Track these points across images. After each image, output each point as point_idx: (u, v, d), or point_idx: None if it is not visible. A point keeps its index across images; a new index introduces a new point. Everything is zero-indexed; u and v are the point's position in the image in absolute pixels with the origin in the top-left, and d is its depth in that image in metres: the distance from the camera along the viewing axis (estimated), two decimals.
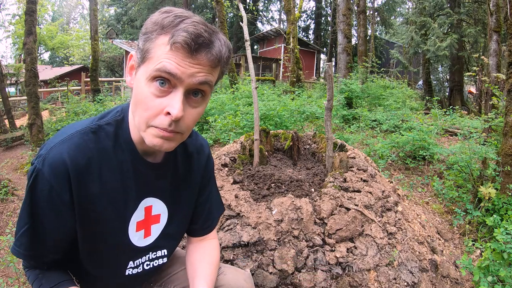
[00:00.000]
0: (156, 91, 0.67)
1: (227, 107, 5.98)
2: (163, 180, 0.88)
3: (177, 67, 0.65)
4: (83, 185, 0.74)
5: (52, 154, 0.72)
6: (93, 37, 11.24)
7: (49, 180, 0.71)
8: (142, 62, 0.70)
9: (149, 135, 0.71)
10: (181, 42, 0.64)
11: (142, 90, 0.69)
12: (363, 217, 1.84)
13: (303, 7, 30.17)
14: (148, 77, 0.68)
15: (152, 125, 0.69)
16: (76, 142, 0.74)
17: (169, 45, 0.65)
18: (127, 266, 0.88)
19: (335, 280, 1.60)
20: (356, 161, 2.37)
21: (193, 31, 0.64)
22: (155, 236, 0.91)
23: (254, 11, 25.25)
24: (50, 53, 32.66)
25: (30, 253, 0.78)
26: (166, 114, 0.68)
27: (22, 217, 0.75)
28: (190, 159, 0.96)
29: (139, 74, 0.71)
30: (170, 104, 0.67)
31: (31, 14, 6.60)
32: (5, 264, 2.11)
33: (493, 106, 4.78)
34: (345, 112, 6.89)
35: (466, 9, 11.81)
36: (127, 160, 0.80)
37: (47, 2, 30.88)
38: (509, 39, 3.14)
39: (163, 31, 0.66)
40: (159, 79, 0.67)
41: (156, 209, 0.89)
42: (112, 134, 0.79)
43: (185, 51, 0.65)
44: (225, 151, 2.65)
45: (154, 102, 0.68)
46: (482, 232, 2.72)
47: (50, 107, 9.37)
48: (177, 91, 0.68)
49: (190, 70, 0.66)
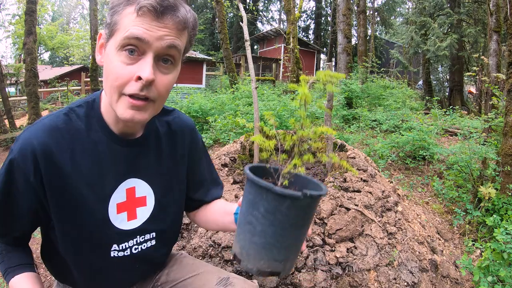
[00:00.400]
0: (126, 59, 0.68)
1: (227, 107, 5.99)
2: (144, 160, 0.87)
3: (145, 31, 0.66)
4: (53, 166, 0.75)
5: (21, 138, 0.75)
6: (93, 37, 11.25)
7: (18, 162, 0.73)
8: (110, 36, 0.70)
9: (120, 107, 0.71)
10: (147, 6, 0.65)
11: (111, 61, 0.70)
12: (363, 217, 1.84)
13: (303, 7, 30.19)
14: (117, 47, 0.68)
15: (124, 93, 0.70)
16: (47, 124, 0.76)
17: (135, 12, 0.66)
18: (111, 249, 0.85)
19: (335, 280, 1.60)
20: (356, 161, 2.37)
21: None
22: (143, 219, 0.89)
23: (254, 11, 25.26)
24: (50, 53, 32.68)
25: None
26: (137, 79, 0.68)
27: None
28: (175, 137, 0.94)
29: (108, 48, 0.71)
30: (140, 68, 0.68)
31: (31, 14, 6.60)
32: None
33: (493, 106, 4.78)
34: (345, 112, 6.89)
35: (466, 9, 11.82)
36: (101, 140, 0.80)
37: (47, 2, 30.89)
38: (509, 39, 3.14)
39: (129, 2, 0.68)
40: (128, 48, 0.68)
41: (140, 190, 0.87)
42: (83, 115, 0.79)
43: (151, 15, 0.66)
44: (225, 151, 2.65)
45: (124, 69, 0.68)
46: (482, 232, 2.72)
47: (50, 107, 9.39)
48: (146, 56, 0.69)
49: (157, 33, 0.67)
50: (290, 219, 0.61)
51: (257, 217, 0.62)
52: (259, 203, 0.61)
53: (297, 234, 0.65)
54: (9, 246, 0.88)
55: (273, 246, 0.62)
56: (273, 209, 0.60)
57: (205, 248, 1.71)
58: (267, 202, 0.60)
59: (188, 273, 1.03)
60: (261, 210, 0.61)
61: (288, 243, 0.64)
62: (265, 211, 0.60)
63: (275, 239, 0.62)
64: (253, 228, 0.62)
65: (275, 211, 0.60)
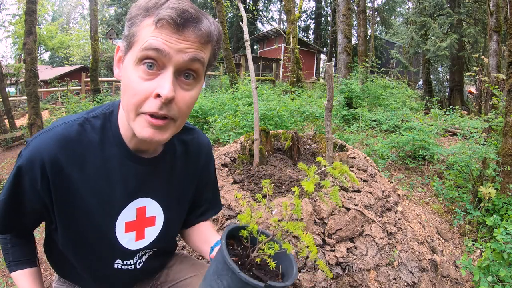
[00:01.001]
0: (144, 74, 0.64)
1: (227, 107, 5.98)
2: (156, 178, 0.84)
3: (164, 42, 0.62)
4: (61, 178, 0.73)
5: (32, 144, 0.73)
6: (93, 37, 11.24)
7: (26, 169, 0.73)
8: (129, 48, 0.66)
9: (138, 125, 0.66)
10: (166, 18, 0.61)
11: (129, 76, 0.65)
12: (363, 217, 1.84)
13: (303, 7, 30.18)
14: (135, 61, 0.64)
15: (142, 111, 0.65)
16: (59, 133, 0.73)
17: (154, 24, 0.62)
18: (115, 261, 0.86)
19: (335, 280, 1.60)
20: (356, 161, 2.37)
21: (178, 6, 0.62)
22: (150, 239, 0.87)
23: (254, 11, 25.26)
24: (50, 53, 32.66)
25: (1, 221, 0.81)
26: (155, 96, 0.63)
27: (3, 190, 0.78)
28: (190, 157, 0.91)
29: (126, 61, 0.67)
30: (159, 85, 0.63)
31: (31, 14, 6.60)
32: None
33: (493, 106, 4.78)
34: (345, 112, 6.89)
35: (466, 9, 11.81)
36: (115, 154, 0.76)
37: (47, 2, 30.87)
38: (509, 39, 3.14)
39: (148, 13, 0.63)
40: (147, 61, 0.63)
41: (150, 210, 0.85)
42: (99, 128, 0.76)
43: (171, 27, 0.62)
44: (225, 151, 2.65)
45: (142, 85, 0.64)
46: (482, 232, 2.72)
47: (50, 107, 9.37)
48: (166, 71, 0.64)
49: (178, 45, 0.62)
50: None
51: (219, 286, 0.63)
52: (224, 276, 0.62)
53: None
54: (14, 238, 0.90)
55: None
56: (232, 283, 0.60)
57: None
58: (231, 280, 0.61)
59: (188, 273, 1.03)
60: (224, 284, 0.62)
61: None
62: (227, 286, 0.61)
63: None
64: None
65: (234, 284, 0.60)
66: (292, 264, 0.67)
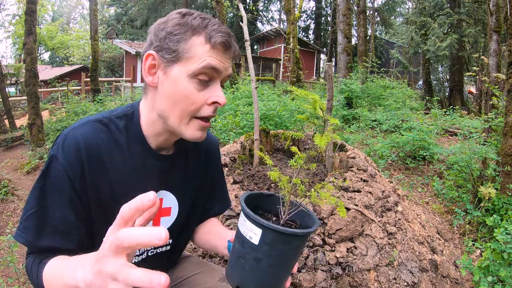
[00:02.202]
0: (199, 85, 0.75)
1: (227, 107, 5.98)
2: (174, 173, 0.91)
3: (219, 63, 0.75)
4: (95, 172, 0.76)
5: (67, 140, 0.74)
6: (93, 37, 11.23)
7: (63, 165, 0.72)
8: (177, 61, 0.75)
9: (191, 128, 0.78)
10: (223, 42, 0.74)
11: (183, 87, 0.75)
12: (363, 217, 1.84)
13: (303, 7, 30.18)
14: (191, 74, 0.74)
15: (197, 116, 0.78)
16: (89, 130, 0.77)
17: (209, 45, 0.74)
18: (134, 254, 0.87)
19: (335, 280, 1.60)
20: (356, 161, 2.37)
21: (225, 31, 0.76)
22: None
23: (254, 11, 25.25)
24: (50, 53, 32.66)
25: (32, 240, 0.72)
26: (211, 104, 0.77)
27: (31, 200, 0.73)
28: (201, 153, 0.99)
29: (174, 73, 0.75)
30: (215, 94, 0.77)
31: (31, 14, 6.60)
32: (5, 264, 2.11)
33: (493, 106, 4.78)
34: (345, 112, 6.89)
35: (466, 9, 11.81)
36: (138, 153, 0.83)
37: (47, 2, 30.88)
38: (509, 39, 3.14)
39: (196, 32, 0.74)
40: (203, 78, 0.75)
41: (166, 202, 0.91)
42: (123, 127, 0.82)
43: (223, 49, 0.76)
44: (225, 151, 2.65)
45: (198, 95, 0.76)
46: (482, 232, 2.72)
47: (50, 107, 9.36)
48: (216, 83, 0.78)
49: (225, 65, 0.77)
50: (290, 253, 0.67)
51: (248, 254, 0.66)
52: (251, 242, 0.66)
53: (293, 264, 0.72)
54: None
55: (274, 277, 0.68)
56: (275, 244, 0.64)
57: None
58: (264, 236, 0.64)
59: (192, 272, 1.06)
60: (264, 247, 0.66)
61: (286, 271, 0.70)
62: (267, 246, 0.65)
63: (277, 270, 0.67)
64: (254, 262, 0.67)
65: (276, 247, 0.64)
66: (312, 217, 0.76)
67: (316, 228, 0.70)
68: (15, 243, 2.23)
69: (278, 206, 0.78)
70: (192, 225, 1.04)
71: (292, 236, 0.64)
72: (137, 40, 24.07)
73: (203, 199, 1.04)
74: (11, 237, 2.26)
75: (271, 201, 0.81)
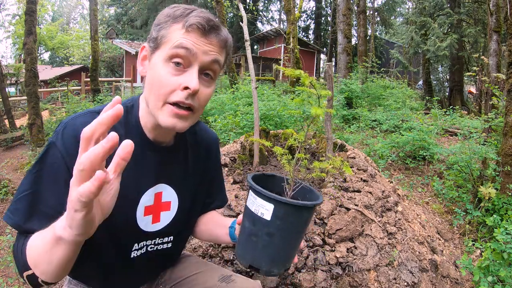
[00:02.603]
0: (173, 70, 0.74)
1: (227, 107, 5.98)
2: (173, 166, 0.91)
3: (193, 44, 0.73)
4: None
5: (66, 129, 0.75)
6: (93, 37, 11.23)
7: (61, 152, 0.73)
8: (157, 48, 0.76)
9: (164, 114, 0.76)
10: (196, 24, 0.73)
11: (158, 71, 0.75)
12: (363, 217, 1.84)
13: (303, 7, 30.18)
14: (165, 57, 0.74)
15: (169, 101, 0.75)
16: (89, 120, 0.73)
17: (184, 28, 0.73)
18: (132, 248, 0.88)
19: (335, 280, 1.60)
20: (356, 161, 2.37)
21: (204, 16, 0.75)
22: (165, 223, 0.92)
23: (254, 11, 25.25)
24: (50, 53, 32.65)
25: (21, 222, 0.71)
26: (183, 89, 0.74)
27: (25, 183, 0.73)
28: (201, 148, 1.00)
29: (154, 59, 0.76)
30: (187, 79, 0.74)
31: (31, 14, 6.60)
32: (5, 264, 2.11)
33: (493, 106, 4.78)
34: (345, 112, 6.89)
35: (466, 9, 11.81)
36: (137, 145, 0.81)
37: (47, 2, 30.89)
38: (509, 39, 3.14)
39: (176, 20, 0.75)
40: (176, 60, 0.73)
41: (166, 195, 0.91)
42: (122, 120, 0.82)
43: (199, 32, 0.74)
44: (225, 151, 2.65)
45: (171, 79, 0.74)
46: (482, 232, 2.72)
47: (50, 107, 9.36)
48: (192, 68, 0.75)
49: (204, 47, 0.74)
50: (300, 225, 0.72)
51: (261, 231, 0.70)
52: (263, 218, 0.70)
53: (302, 238, 0.77)
54: None
55: (286, 251, 0.73)
56: (286, 217, 0.68)
57: (205, 248, 1.71)
58: (276, 210, 0.68)
59: (192, 271, 1.07)
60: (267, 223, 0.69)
61: (296, 245, 0.75)
62: (279, 220, 0.68)
63: (288, 244, 0.72)
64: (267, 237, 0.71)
65: (288, 220, 0.68)
66: (314, 193, 0.81)
67: (322, 200, 0.75)
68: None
69: (281, 184, 0.81)
70: (192, 221, 1.04)
71: (302, 208, 0.69)
72: (137, 40, 24.07)
73: (203, 195, 1.04)
74: (11, 237, 2.26)
75: (272, 182, 0.85)
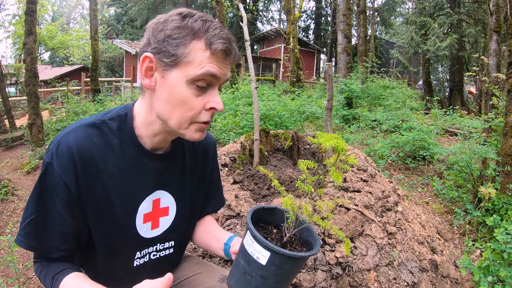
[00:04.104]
0: (197, 91, 0.75)
1: (227, 107, 5.98)
2: (170, 172, 0.91)
3: (219, 70, 0.74)
4: (89, 176, 0.76)
5: (60, 146, 0.75)
6: (93, 37, 11.23)
7: (58, 171, 0.74)
8: (175, 65, 0.73)
9: (191, 131, 0.78)
10: (224, 49, 0.73)
11: (181, 92, 0.74)
12: (363, 217, 1.84)
13: (303, 7, 30.17)
14: (189, 80, 0.73)
15: (196, 121, 0.77)
16: (81, 135, 0.77)
17: (209, 51, 0.72)
18: (135, 257, 0.89)
19: (335, 280, 1.60)
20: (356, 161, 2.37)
21: (226, 37, 0.74)
22: (164, 228, 0.93)
23: (254, 11, 25.25)
24: (50, 53, 32.64)
25: (35, 245, 0.77)
26: (208, 109, 0.77)
27: (29, 207, 0.76)
28: (198, 152, 1.00)
29: (173, 77, 0.74)
30: (213, 100, 0.77)
31: (31, 14, 6.60)
32: (5, 264, 2.11)
33: (493, 106, 4.78)
34: (345, 112, 6.88)
35: (466, 9, 11.80)
36: (132, 154, 0.83)
37: (47, 2, 30.87)
38: (509, 39, 3.14)
39: (196, 36, 0.72)
40: (202, 84, 0.74)
41: (164, 201, 0.91)
42: (116, 129, 0.81)
43: (223, 56, 0.74)
44: (225, 151, 2.65)
45: (196, 101, 0.75)
46: (482, 232, 2.72)
47: (50, 107, 9.35)
48: (214, 89, 0.77)
49: (225, 71, 0.77)
50: (295, 271, 0.75)
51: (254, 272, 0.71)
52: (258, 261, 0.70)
53: (294, 278, 0.79)
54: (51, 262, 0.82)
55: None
56: (282, 265, 0.70)
57: None
58: (273, 259, 0.69)
59: (192, 272, 1.07)
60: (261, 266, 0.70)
61: (287, 286, 0.77)
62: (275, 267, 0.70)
63: (281, 286, 0.73)
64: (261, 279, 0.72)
65: (283, 267, 0.70)
66: (313, 233, 0.83)
67: (319, 248, 0.76)
68: (15, 243, 2.23)
69: (280, 218, 0.83)
70: (192, 225, 1.04)
71: (299, 259, 0.71)
72: (137, 40, 24.05)
73: (201, 198, 1.04)
74: (11, 237, 2.25)
75: (272, 215, 0.86)
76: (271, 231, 0.81)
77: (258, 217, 0.82)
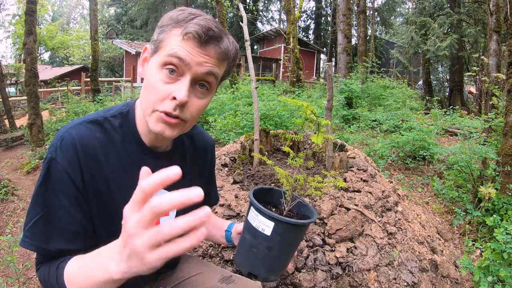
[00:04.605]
0: (165, 77, 0.72)
1: (227, 107, 5.98)
2: None
3: (187, 54, 0.70)
4: (92, 171, 0.76)
5: (64, 141, 0.74)
6: (93, 37, 11.23)
7: (63, 166, 0.72)
8: (155, 51, 0.75)
9: (153, 120, 0.74)
10: (193, 33, 0.70)
11: (152, 76, 0.74)
12: (363, 217, 1.84)
13: (303, 7, 30.16)
14: (159, 64, 0.72)
15: (158, 109, 0.73)
16: (84, 130, 0.76)
17: (181, 36, 0.71)
18: None
19: (335, 280, 1.60)
20: (356, 161, 2.37)
21: (205, 24, 0.71)
22: None
23: (254, 11, 25.25)
24: (50, 53, 32.63)
25: (43, 246, 0.73)
26: (172, 98, 0.72)
27: (34, 207, 0.73)
28: (198, 152, 1.00)
29: (151, 63, 0.75)
30: (176, 89, 0.71)
31: (31, 14, 6.60)
32: (5, 264, 2.11)
33: (493, 106, 4.78)
34: (345, 112, 6.89)
35: (466, 9, 11.80)
36: (133, 151, 0.82)
37: (47, 2, 30.86)
38: (509, 39, 3.14)
39: (178, 25, 0.72)
40: (169, 67, 0.71)
41: None
42: (118, 126, 0.81)
43: (195, 41, 0.71)
44: (225, 151, 2.65)
45: (162, 87, 0.72)
46: (482, 232, 2.72)
47: (50, 107, 9.35)
48: (184, 78, 0.72)
49: (198, 58, 0.71)
50: (297, 239, 0.82)
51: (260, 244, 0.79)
52: (263, 233, 0.78)
53: (297, 248, 0.86)
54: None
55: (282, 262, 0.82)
56: (286, 234, 0.76)
57: (205, 248, 1.71)
58: (276, 228, 0.76)
59: (192, 272, 1.07)
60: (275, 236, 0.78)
61: (291, 256, 0.84)
62: (279, 236, 0.77)
63: (285, 255, 0.80)
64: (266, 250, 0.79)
65: (287, 236, 0.77)
66: (308, 208, 0.90)
67: (316, 216, 0.85)
68: (15, 243, 2.23)
69: (277, 198, 0.90)
70: None
71: (301, 226, 0.78)
72: (137, 40, 24.07)
73: None
74: (11, 237, 2.26)
75: (269, 194, 0.93)
76: (270, 210, 0.86)
77: (259, 197, 0.87)
